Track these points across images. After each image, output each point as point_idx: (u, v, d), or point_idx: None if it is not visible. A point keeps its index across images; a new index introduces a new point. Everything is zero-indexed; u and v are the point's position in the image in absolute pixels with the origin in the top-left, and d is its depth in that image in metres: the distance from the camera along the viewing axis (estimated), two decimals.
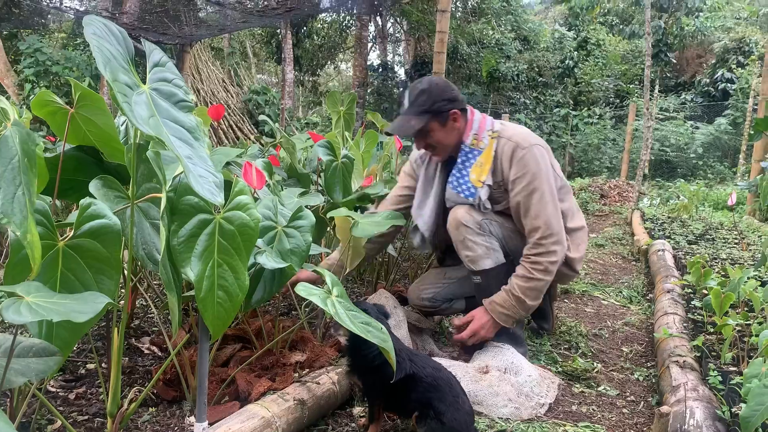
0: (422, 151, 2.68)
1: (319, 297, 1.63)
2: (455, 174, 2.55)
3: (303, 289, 1.64)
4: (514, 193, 2.46)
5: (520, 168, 2.43)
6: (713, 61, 18.72)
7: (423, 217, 2.64)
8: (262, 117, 3.81)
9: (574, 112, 17.92)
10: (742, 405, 1.71)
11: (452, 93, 2.49)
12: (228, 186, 1.57)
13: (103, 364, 2.18)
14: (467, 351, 2.56)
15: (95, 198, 1.47)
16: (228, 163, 2.43)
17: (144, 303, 2.87)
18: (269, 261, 1.75)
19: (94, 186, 1.61)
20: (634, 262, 5.27)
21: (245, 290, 1.55)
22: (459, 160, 2.55)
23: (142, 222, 1.68)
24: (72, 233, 1.38)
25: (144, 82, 1.32)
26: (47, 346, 1.31)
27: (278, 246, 1.91)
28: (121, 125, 2.10)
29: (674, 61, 19.24)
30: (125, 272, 1.93)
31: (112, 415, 1.55)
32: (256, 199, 2.03)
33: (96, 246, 1.38)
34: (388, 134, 2.61)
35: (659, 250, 4.59)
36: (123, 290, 2.05)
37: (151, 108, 1.25)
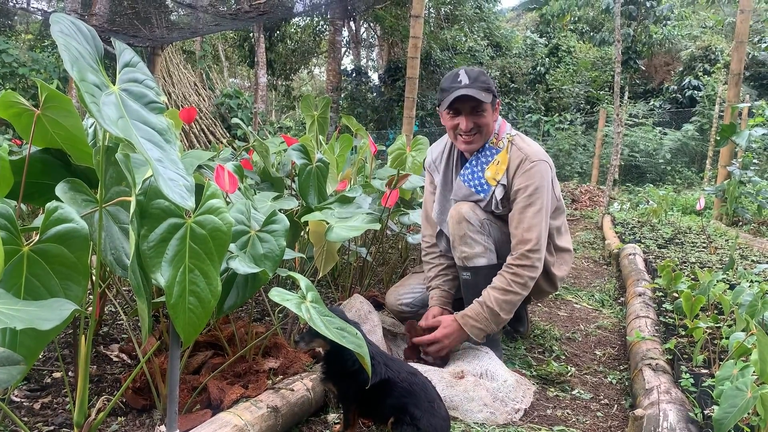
0: (436, 153, 2.72)
1: (294, 302, 1.61)
2: (469, 167, 2.57)
3: (277, 295, 1.62)
4: (514, 203, 2.48)
5: (524, 179, 2.45)
6: (680, 69, 19.13)
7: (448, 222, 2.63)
8: (234, 120, 3.77)
9: (545, 118, 18.12)
10: (715, 407, 1.73)
11: None
12: (200, 189, 1.53)
13: (69, 373, 2.12)
14: (419, 359, 2.48)
15: (62, 201, 1.43)
16: (200, 167, 2.38)
17: (113, 309, 2.81)
18: (242, 266, 1.72)
19: (60, 189, 1.56)
20: (605, 266, 5.33)
21: (217, 296, 1.52)
22: (476, 154, 2.56)
23: (111, 226, 1.64)
24: (37, 238, 1.33)
25: (114, 83, 1.29)
26: (11, 354, 1.27)
27: (251, 251, 1.88)
28: (90, 127, 2.05)
29: (643, 68, 19.62)
30: (93, 278, 1.89)
31: (78, 425, 1.51)
32: (228, 203, 1.99)
33: (62, 251, 1.34)
34: (460, 98, 2.41)
35: (630, 254, 4.65)
36: (91, 296, 2.00)
37: (120, 109, 1.22)
